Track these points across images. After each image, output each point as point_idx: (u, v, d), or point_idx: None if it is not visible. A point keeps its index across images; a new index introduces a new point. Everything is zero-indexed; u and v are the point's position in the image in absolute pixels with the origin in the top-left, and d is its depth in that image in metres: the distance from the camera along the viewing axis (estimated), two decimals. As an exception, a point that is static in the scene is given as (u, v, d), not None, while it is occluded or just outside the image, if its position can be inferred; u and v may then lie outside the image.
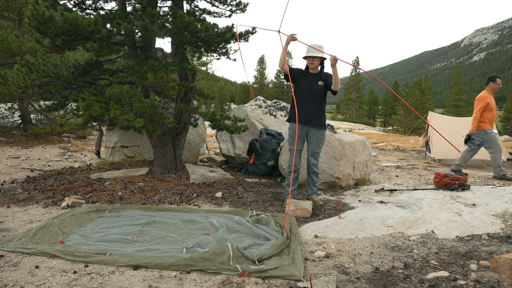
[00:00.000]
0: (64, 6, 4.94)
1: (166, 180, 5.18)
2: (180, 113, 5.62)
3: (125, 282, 2.30)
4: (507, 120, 40.21)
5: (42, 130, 9.91)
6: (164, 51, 5.67)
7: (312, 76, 4.13)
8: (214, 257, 2.54)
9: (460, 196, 4.50)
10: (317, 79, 4.10)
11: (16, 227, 3.35)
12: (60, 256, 2.64)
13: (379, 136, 19.88)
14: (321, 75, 4.12)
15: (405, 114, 32.37)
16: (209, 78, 35.16)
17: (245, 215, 3.69)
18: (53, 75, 4.65)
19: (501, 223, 3.47)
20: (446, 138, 5.01)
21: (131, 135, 6.62)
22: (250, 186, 5.18)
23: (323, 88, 4.12)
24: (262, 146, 5.83)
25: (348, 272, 2.48)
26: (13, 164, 6.76)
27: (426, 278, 2.36)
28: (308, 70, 4.16)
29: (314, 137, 4.12)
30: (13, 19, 10.44)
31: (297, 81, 4.15)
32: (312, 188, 4.29)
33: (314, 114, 4.09)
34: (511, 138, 18.64)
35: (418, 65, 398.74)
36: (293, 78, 4.13)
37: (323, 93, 4.11)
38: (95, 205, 3.99)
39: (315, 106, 4.09)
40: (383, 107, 56.65)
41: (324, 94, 4.13)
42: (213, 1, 5.53)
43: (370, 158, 5.71)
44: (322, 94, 4.10)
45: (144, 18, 4.32)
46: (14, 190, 4.74)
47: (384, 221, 3.50)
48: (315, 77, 4.12)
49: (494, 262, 2.45)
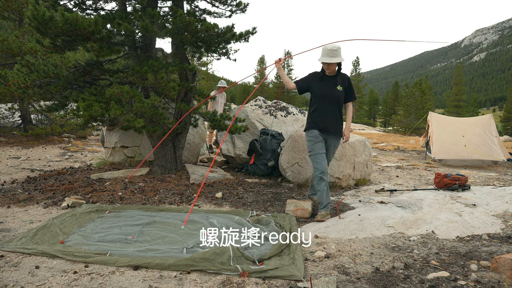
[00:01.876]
0: (64, 6, 4.94)
1: (166, 180, 5.18)
2: (180, 113, 5.62)
3: (125, 282, 2.30)
4: (507, 120, 40.20)
5: (42, 130, 9.91)
6: (164, 51, 5.67)
7: (329, 80, 3.83)
8: (214, 257, 2.54)
9: (460, 197, 4.50)
10: (335, 83, 3.81)
11: (17, 227, 3.35)
12: (60, 256, 2.64)
13: (379, 136, 19.87)
14: (338, 78, 3.82)
15: (405, 114, 32.36)
16: (209, 78, 35.17)
17: (245, 215, 3.70)
18: (53, 75, 4.65)
19: (502, 223, 3.47)
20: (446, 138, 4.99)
21: (131, 135, 6.62)
22: (250, 186, 5.18)
23: (342, 94, 3.82)
24: (262, 146, 5.83)
25: (348, 272, 2.48)
26: (14, 164, 6.76)
27: (427, 278, 2.36)
28: (325, 73, 3.86)
29: (331, 145, 3.91)
30: (13, 20, 10.44)
31: (312, 87, 3.90)
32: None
33: (332, 121, 3.83)
34: (511, 138, 18.64)
35: (418, 65, 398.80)
36: (307, 88, 3.93)
37: (341, 99, 3.83)
38: (95, 205, 3.99)
39: (333, 112, 3.82)
40: (383, 107, 56.67)
41: (341, 100, 3.83)
42: (213, 1, 5.53)
43: (370, 158, 5.71)
44: (340, 100, 3.82)
45: (144, 18, 4.32)
46: (14, 190, 4.74)
47: (384, 221, 3.50)
48: (332, 80, 3.83)
49: (494, 262, 2.45)
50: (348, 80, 3.86)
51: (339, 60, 3.67)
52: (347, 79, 3.87)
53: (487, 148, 8.03)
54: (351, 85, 3.88)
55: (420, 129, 25.07)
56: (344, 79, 3.85)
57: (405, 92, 36.16)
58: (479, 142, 8.17)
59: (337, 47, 3.67)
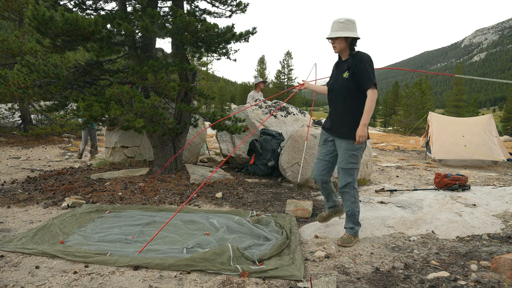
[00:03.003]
0: (64, 6, 4.94)
1: (166, 181, 5.18)
2: (181, 113, 5.62)
3: (126, 283, 2.30)
4: (507, 120, 40.19)
5: (42, 130, 9.91)
6: (164, 52, 5.67)
7: (341, 66, 3.01)
8: (214, 258, 2.54)
9: (460, 197, 4.50)
10: (345, 68, 2.93)
11: (17, 227, 3.35)
12: (61, 256, 2.64)
13: (380, 136, 19.87)
14: (350, 61, 2.90)
15: (405, 115, 32.36)
16: (209, 78, 35.16)
17: (245, 216, 3.69)
18: (53, 75, 4.65)
19: (502, 223, 3.47)
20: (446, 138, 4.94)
21: (131, 136, 6.62)
22: (250, 187, 5.18)
23: (347, 81, 2.89)
24: (263, 146, 5.83)
25: (348, 273, 2.48)
26: (14, 165, 6.76)
27: (427, 278, 2.36)
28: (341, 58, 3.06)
29: (340, 148, 3.03)
30: (13, 20, 10.45)
31: None
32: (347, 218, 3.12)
33: (335, 118, 3.06)
34: (511, 138, 18.64)
35: (418, 65, 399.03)
36: None
37: (346, 89, 2.91)
38: (96, 205, 3.99)
39: (335, 107, 3.06)
40: (383, 107, 56.67)
41: (349, 89, 2.89)
42: (213, 1, 5.53)
43: (371, 159, 5.71)
44: (344, 91, 2.92)
45: (145, 18, 4.32)
46: (14, 191, 4.74)
47: (384, 221, 3.50)
48: (344, 65, 2.96)
49: (494, 262, 2.45)
50: (360, 61, 2.84)
51: (345, 34, 2.83)
52: (359, 59, 2.85)
53: (487, 148, 8.03)
54: (364, 67, 2.82)
55: (420, 129, 25.06)
56: (356, 60, 2.86)
57: (405, 92, 36.16)
58: (479, 142, 8.17)
59: (345, 19, 2.88)
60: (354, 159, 2.96)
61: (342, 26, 2.86)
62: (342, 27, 2.86)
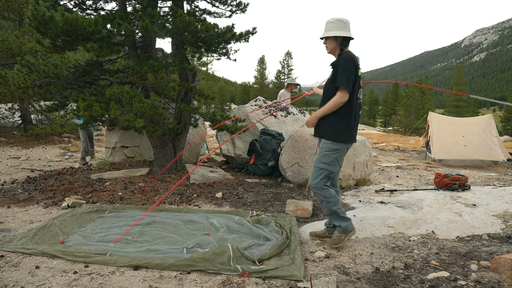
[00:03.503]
0: (64, 6, 4.94)
1: (166, 180, 5.18)
2: (181, 113, 5.62)
3: (126, 283, 2.30)
4: (507, 120, 40.18)
5: (42, 130, 9.91)
6: (164, 52, 5.67)
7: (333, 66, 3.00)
8: (214, 258, 2.54)
9: (460, 197, 4.50)
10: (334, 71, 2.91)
11: (17, 227, 3.35)
12: (61, 256, 2.64)
13: (380, 136, 19.86)
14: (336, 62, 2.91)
15: (405, 115, 32.36)
16: (209, 78, 35.16)
17: (245, 216, 3.69)
18: (53, 75, 4.65)
19: (502, 223, 3.47)
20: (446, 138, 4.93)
21: (131, 136, 6.62)
22: (250, 187, 5.18)
23: (330, 83, 2.91)
24: (263, 147, 5.83)
25: (348, 273, 2.48)
26: (14, 165, 6.76)
27: (427, 278, 2.36)
28: None
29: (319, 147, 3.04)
30: (13, 20, 10.45)
31: None
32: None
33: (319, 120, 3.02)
34: (511, 138, 18.63)
35: (418, 65, 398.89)
36: None
37: (328, 89, 2.92)
38: (96, 205, 3.99)
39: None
40: (383, 107, 56.68)
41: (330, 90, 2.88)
42: (213, 1, 5.53)
43: (371, 159, 5.71)
44: (329, 91, 2.90)
45: (145, 18, 4.32)
46: (14, 191, 4.74)
47: (384, 221, 3.50)
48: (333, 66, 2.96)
49: (494, 262, 2.45)
50: (340, 62, 2.82)
51: (333, 34, 2.82)
52: (342, 59, 2.81)
53: (487, 148, 8.03)
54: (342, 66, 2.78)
55: (420, 129, 25.06)
56: (339, 61, 2.84)
57: (405, 92, 36.15)
58: (479, 142, 8.17)
59: (335, 19, 2.86)
60: (326, 159, 2.88)
61: (333, 26, 2.86)
62: (333, 27, 2.86)
